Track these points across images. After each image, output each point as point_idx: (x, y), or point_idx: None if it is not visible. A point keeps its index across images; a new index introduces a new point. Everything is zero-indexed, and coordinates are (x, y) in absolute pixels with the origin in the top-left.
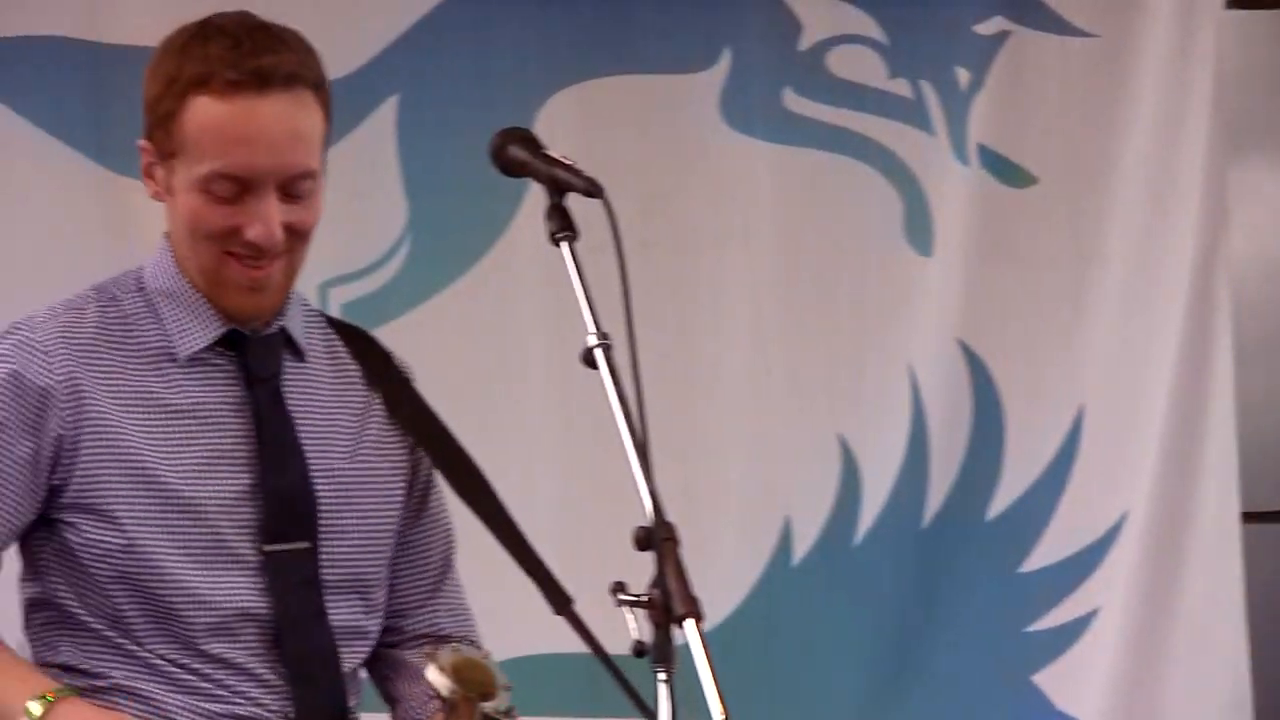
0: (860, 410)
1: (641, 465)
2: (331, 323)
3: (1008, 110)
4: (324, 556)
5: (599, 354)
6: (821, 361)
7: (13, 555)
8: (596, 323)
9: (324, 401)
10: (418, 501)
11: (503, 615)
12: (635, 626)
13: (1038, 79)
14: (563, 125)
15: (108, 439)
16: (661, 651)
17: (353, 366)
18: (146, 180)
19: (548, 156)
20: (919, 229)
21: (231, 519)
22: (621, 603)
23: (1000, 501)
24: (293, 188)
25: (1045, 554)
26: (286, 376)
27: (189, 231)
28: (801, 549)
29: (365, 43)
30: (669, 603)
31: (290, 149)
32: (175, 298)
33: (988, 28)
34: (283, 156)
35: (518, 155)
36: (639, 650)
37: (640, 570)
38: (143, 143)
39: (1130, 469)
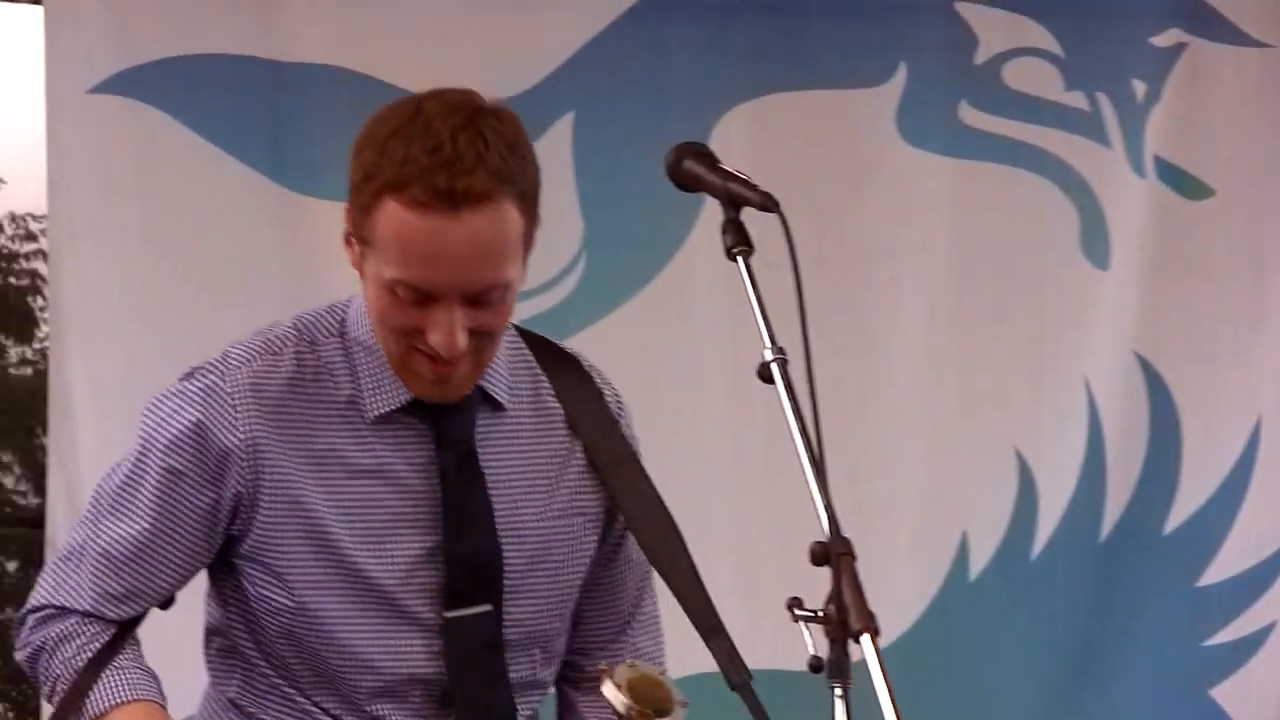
0: (1037, 423)
1: (817, 480)
2: (538, 353)
3: (1185, 122)
4: (507, 618)
5: (775, 369)
6: (997, 375)
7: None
8: (772, 337)
9: (521, 454)
10: (611, 549)
11: (680, 631)
12: (811, 642)
13: (1215, 90)
14: (738, 140)
15: (287, 499)
16: (838, 667)
17: (556, 409)
18: (346, 248)
19: (723, 171)
20: (1095, 242)
21: (409, 585)
22: (798, 618)
23: (1178, 515)
24: (481, 297)
25: (1223, 567)
26: (482, 431)
27: (377, 319)
28: (978, 564)
29: (540, 60)
30: (845, 618)
31: (478, 267)
32: (372, 353)
33: (1164, 39)
34: (468, 274)
35: (693, 170)
36: (815, 666)
37: (817, 585)
38: (346, 208)
39: None
